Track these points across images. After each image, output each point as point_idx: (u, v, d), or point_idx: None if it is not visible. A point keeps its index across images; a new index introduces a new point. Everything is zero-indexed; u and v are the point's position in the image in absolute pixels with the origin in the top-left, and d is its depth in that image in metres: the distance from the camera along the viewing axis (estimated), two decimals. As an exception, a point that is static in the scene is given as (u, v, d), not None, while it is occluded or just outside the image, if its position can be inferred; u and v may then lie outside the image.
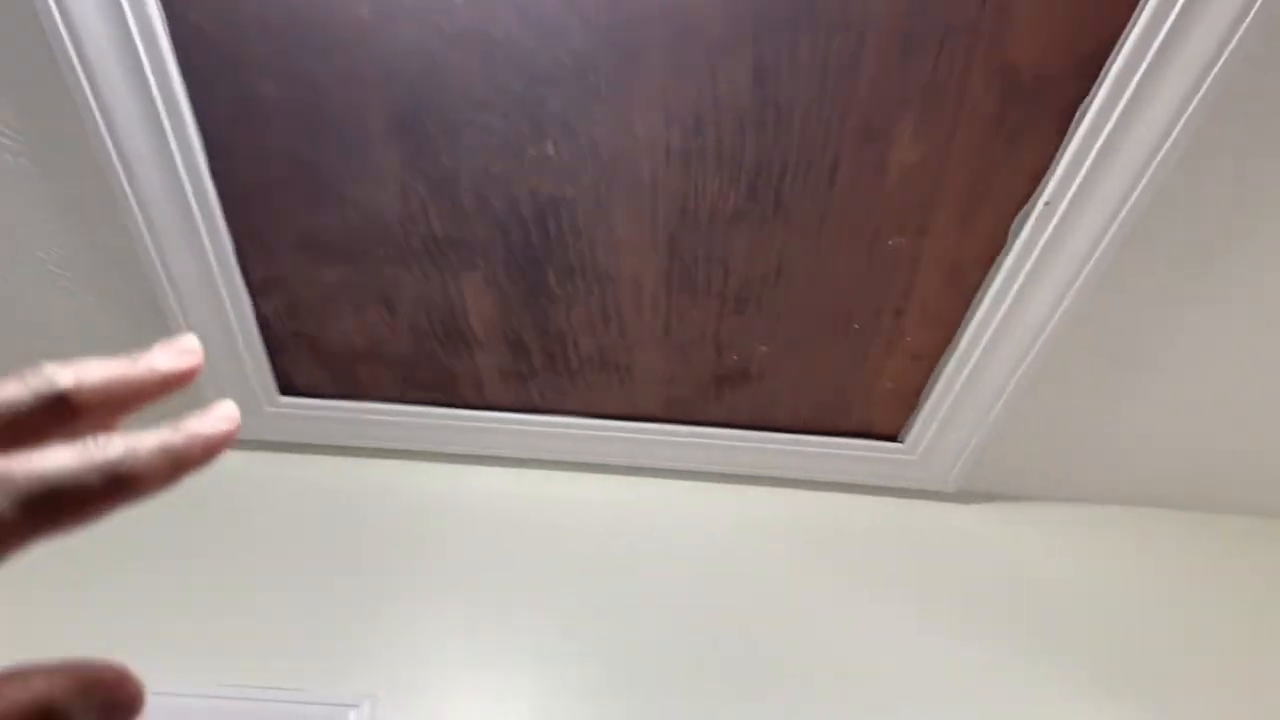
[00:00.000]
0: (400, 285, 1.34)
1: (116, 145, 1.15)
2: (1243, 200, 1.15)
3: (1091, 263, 1.21)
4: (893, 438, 1.59)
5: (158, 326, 1.39)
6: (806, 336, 1.39)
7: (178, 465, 0.36)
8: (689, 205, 1.20)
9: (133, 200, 1.21)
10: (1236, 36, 0.98)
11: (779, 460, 1.61)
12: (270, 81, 1.09)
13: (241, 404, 1.49)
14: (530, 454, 1.62)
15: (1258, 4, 0.95)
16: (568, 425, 1.57)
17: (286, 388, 1.55)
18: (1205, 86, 1.02)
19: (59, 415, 0.35)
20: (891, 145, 1.11)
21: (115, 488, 0.33)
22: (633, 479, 1.64)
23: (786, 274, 1.29)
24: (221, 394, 1.45)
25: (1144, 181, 1.12)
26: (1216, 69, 1.01)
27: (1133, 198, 1.13)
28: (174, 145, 1.16)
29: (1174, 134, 1.07)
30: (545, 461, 1.64)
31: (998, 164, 1.13)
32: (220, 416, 0.39)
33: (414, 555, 1.50)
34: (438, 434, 1.59)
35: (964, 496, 1.67)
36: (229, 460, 1.62)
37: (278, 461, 1.63)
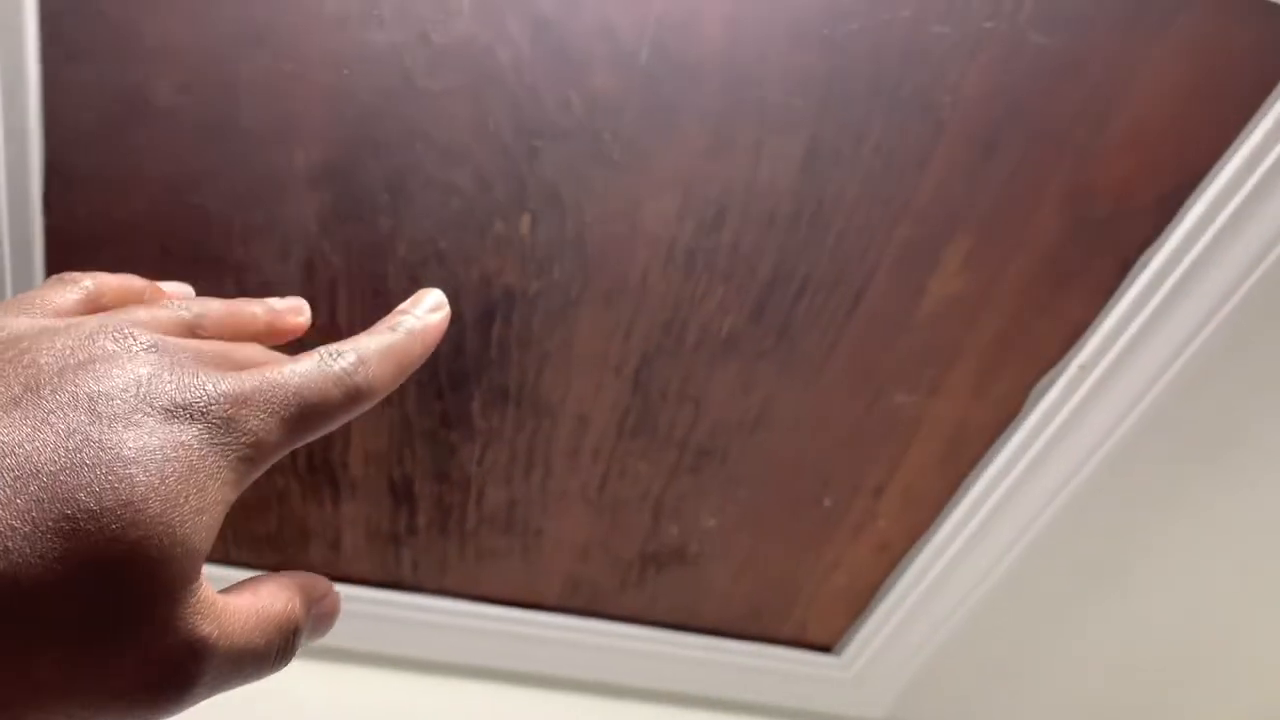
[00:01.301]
0: (269, 396, 1.01)
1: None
2: (1268, 388, 1.04)
3: (1108, 446, 1.06)
4: (827, 649, 1.34)
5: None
6: (766, 510, 1.15)
7: (402, 368, 0.39)
8: (676, 322, 0.97)
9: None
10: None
11: (693, 672, 1.32)
12: (166, 77, 0.79)
13: None
14: (385, 648, 1.25)
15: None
16: (442, 610, 1.23)
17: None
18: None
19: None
20: (936, 269, 0.93)
21: (352, 399, 0.35)
22: (509, 688, 1.30)
23: (766, 425, 1.06)
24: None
25: (1187, 355, 0.99)
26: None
27: (1170, 372, 1.00)
28: (-6, 152, 0.81)
29: (1234, 299, 0.95)
30: (403, 660, 1.27)
31: (1041, 310, 0.97)
32: (432, 305, 0.43)
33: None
34: (263, 612, 1.20)
35: (891, 726, 1.43)
36: None
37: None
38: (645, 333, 0.97)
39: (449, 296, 0.89)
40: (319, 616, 0.39)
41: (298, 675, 1.15)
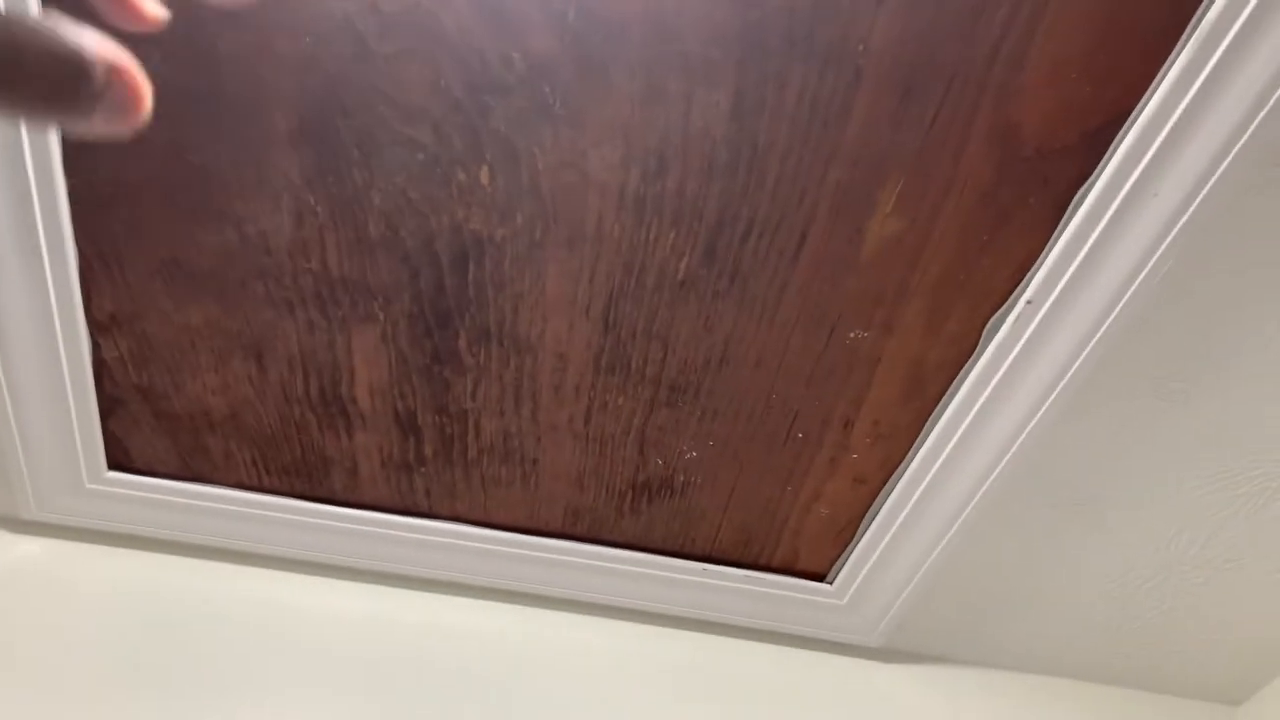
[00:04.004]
0: (277, 334, 1.13)
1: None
2: (1239, 307, 1.05)
3: (1066, 378, 1.09)
4: (820, 577, 1.40)
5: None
6: (742, 442, 1.22)
7: None
8: (635, 264, 1.04)
9: (-42, 184, 0.98)
10: (1253, 126, 0.90)
11: (691, 595, 1.40)
12: (157, 51, 0.90)
13: (57, 478, 1.22)
14: (406, 568, 1.37)
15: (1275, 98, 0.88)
16: (454, 535, 1.34)
17: (116, 460, 1.28)
18: (1214, 178, 0.94)
19: None
20: (872, 211, 0.98)
21: None
22: (519, 607, 1.41)
23: (731, 361, 1.13)
24: (35, 462, 1.18)
25: (1134, 288, 1.01)
26: (1228, 159, 0.92)
27: (1121, 303, 1.03)
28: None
29: (1173, 233, 0.97)
30: (422, 580, 1.39)
31: (983, 249, 1.01)
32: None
33: (256, 687, 1.22)
34: (299, 535, 1.34)
35: (888, 654, 1.49)
36: (26, 549, 1.32)
37: (92, 556, 1.33)
38: (607, 275, 1.05)
39: (424, 241, 0.99)
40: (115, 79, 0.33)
41: (330, 591, 1.28)
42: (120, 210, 1.02)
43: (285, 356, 1.15)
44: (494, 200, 1.00)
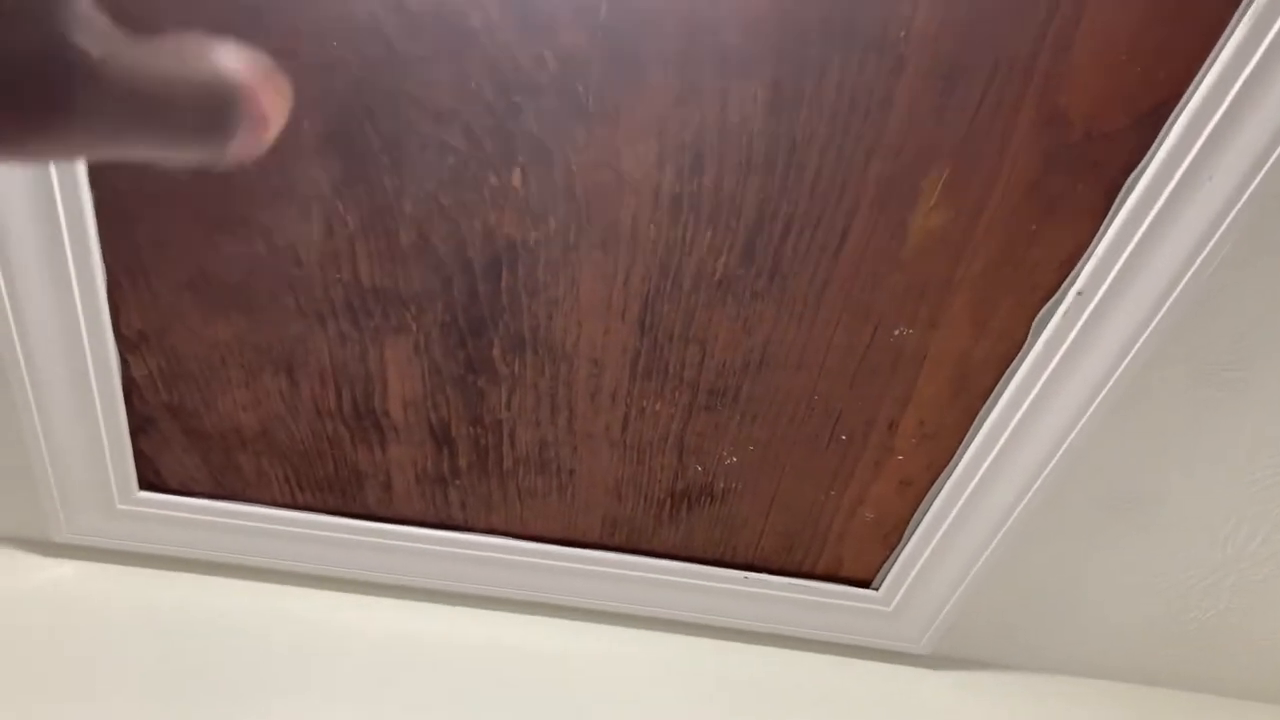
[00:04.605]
0: (308, 348, 1.11)
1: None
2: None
3: (1119, 372, 1.06)
4: (865, 583, 1.37)
5: (-6, 381, 1.12)
6: (784, 446, 1.19)
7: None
8: (671, 265, 1.02)
9: (-16, 202, 0.96)
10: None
11: (732, 605, 1.37)
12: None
13: (87, 500, 1.21)
14: (442, 583, 1.35)
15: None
16: (490, 548, 1.32)
17: (146, 480, 1.27)
18: (1272, 160, 0.90)
19: None
20: (916, 203, 0.96)
21: None
22: (557, 620, 1.38)
23: (772, 362, 1.10)
24: (66, 484, 1.17)
25: (1188, 276, 0.98)
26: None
27: (1174, 293, 1.00)
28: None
29: (1228, 219, 0.94)
30: (459, 595, 1.37)
31: (1030, 240, 0.98)
32: None
33: (292, 707, 1.20)
34: (333, 552, 1.31)
35: (936, 661, 1.45)
36: (58, 572, 1.31)
37: (124, 577, 1.32)
38: (643, 277, 1.03)
39: (456, 248, 0.97)
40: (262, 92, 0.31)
41: (364, 608, 1.26)
42: (146, 223, 1.00)
43: (317, 370, 1.13)
44: (527, 203, 0.97)
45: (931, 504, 1.24)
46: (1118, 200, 0.95)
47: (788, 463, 1.21)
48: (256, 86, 0.31)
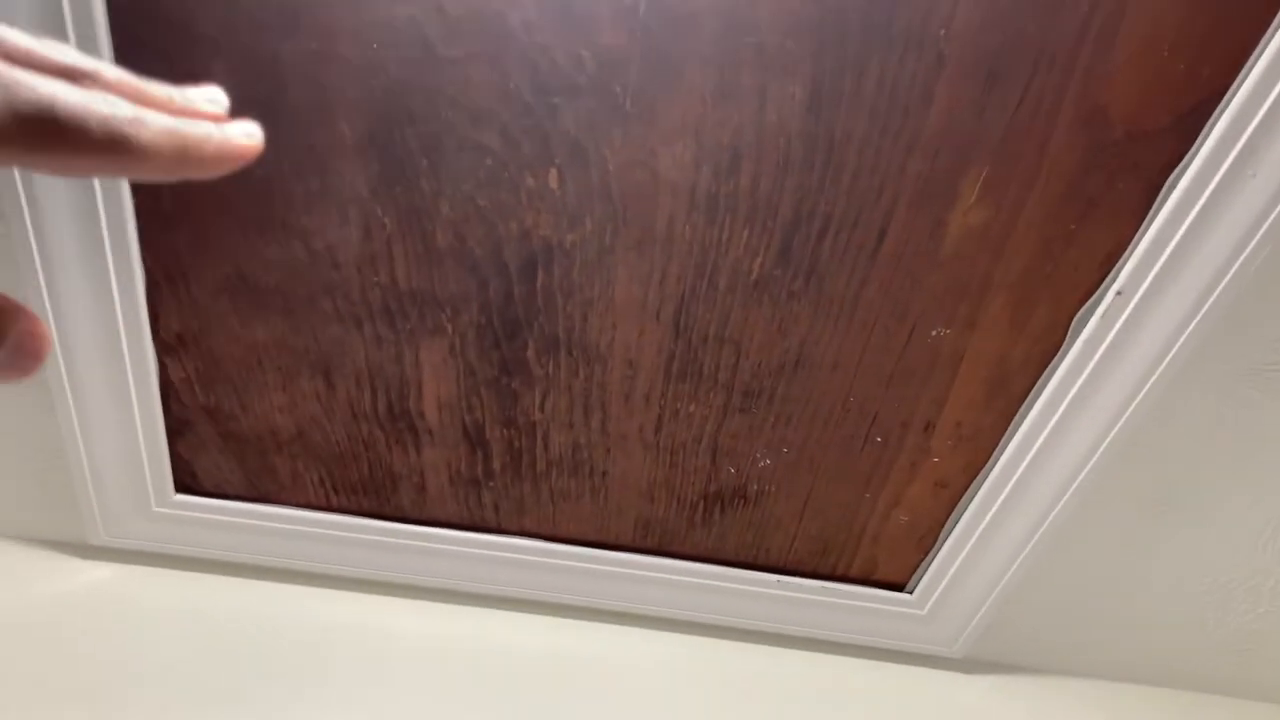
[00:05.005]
0: (345, 350, 1.11)
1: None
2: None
3: (1158, 373, 1.05)
4: (899, 587, 1.36)
5: (32, 387, 1.13)
6: (818, 448, 1.19)
7: (182, 157, 0.34)
8: (707, 266, 1.01)
9: (25, 206, 0.97)
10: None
11: (765, 608, 1.36)
12: (221, 60, 0.89)
13: (124, 503, 1.21)
14: (475, 586, 1.35)
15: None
16: (523, 550, 1.32)
17: (183, 483, 1.28)
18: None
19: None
20: (954, 203, 0.95)
21: (110, 145, 0.31)
22: (592, 624, 1.38)
23: (807, 363, 1.10)
24: (103, 487, 1.18)
25: (1229, 275, 0.97)
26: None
27: (1215, 293, 0.98)
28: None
29: (1271, 217, 0.93)
30: (492, 598, 1.37)
31: (1070, 239, 0.98)
32: (242, 130, 0.36)
33: (327, 709, 1.20)
34: (367, 554, 1.32)
35: (971, 665, 1.44)
36: (95, 575, 1.32)
37: (161, 580, 1.33)
38: (678, 277, 1.03)
39: (492, 249, 0.98)
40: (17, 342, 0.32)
41: (398, 611, 1.27)
42: (185, 226, 1.01)
43: (353, 372, 1.13)
44: (563, 204, 0.97)
45: (967, 506, 1.23)
46: (1159, 199, 0.94)
47: (822, 465, 1.21)
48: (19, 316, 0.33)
